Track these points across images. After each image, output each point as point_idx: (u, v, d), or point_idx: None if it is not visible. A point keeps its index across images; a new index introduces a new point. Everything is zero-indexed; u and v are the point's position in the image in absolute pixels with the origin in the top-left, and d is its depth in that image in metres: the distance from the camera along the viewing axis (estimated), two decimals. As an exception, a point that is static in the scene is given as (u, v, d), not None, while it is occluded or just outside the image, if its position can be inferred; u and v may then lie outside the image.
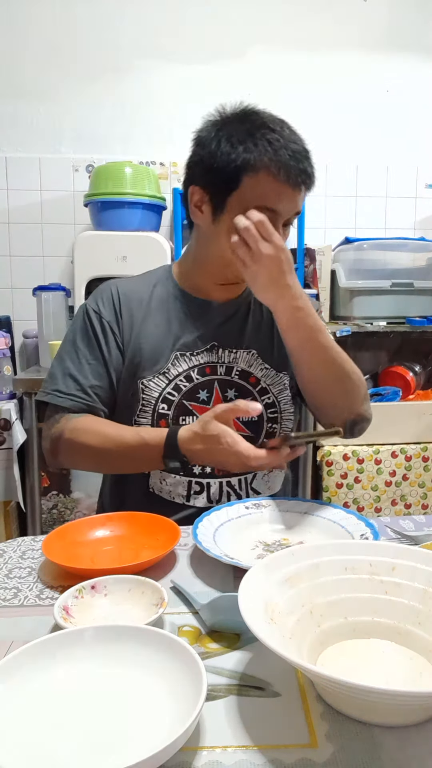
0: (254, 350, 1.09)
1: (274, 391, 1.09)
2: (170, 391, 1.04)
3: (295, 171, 0.93)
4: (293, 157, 0.93)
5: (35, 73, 2.35)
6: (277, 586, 0.60)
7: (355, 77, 2.49)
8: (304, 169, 0.95)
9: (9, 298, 2.42)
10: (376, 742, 0.49)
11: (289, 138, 0.95)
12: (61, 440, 1.02)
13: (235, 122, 0.97)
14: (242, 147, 0.93)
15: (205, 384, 1.06)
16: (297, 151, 0.94)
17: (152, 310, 1.08)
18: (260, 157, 0.93)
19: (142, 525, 0.90)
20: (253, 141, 0.93)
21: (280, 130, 0.95)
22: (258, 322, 1.11)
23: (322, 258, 2.23)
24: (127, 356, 1.06)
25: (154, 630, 0.58)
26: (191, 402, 1.05)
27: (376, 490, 2.04)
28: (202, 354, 1.06)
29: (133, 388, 1.05)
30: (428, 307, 2.22)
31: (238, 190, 0.95)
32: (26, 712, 0.51)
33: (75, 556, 0.82)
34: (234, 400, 1.03)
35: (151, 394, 1.04)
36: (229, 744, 0.49)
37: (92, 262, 1.98)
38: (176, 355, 1.05)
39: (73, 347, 1.07)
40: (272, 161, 0.92)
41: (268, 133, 0.94)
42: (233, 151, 0.94)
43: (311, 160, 0.98)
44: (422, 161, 2.56)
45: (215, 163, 0.95)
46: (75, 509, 2.22)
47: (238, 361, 1.08)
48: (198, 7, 2.37)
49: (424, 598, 0.61)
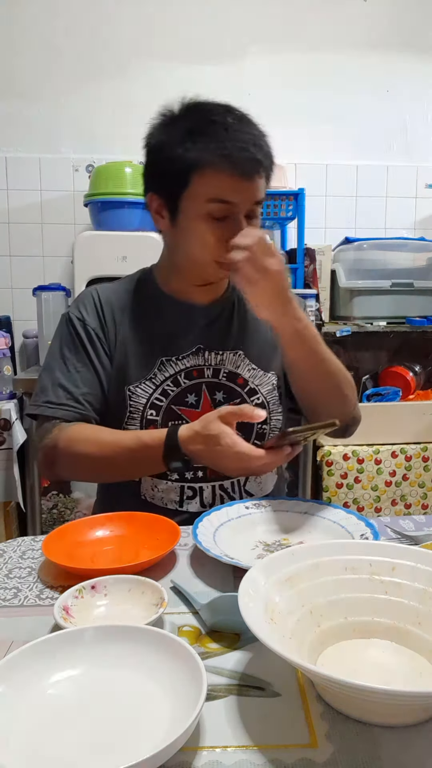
0: (240, 351, 1.07)
1: (263, 391, 1.08)
2: (158, 396, 1.03)
3: (242, 161, 0.91)
4: (239, 146, 0.90)
5: (35, 72, 2.35)
6: (277, 586, 0.60)
7: (355, 77, 2.49)
8: (253, 156, 0.92)
9: (9, 298, 2.42)
10: (376, 742, 0.49)
11: (234, 127, 0.92)
12: (56, 450, 0.98)
13: (179, 121, 0.96)
14: (186, 145, 0.92)
15: (193, 387, 1.04)
16: (244, 139, 0.91)
17: (136, 315, 1.07)
18: (204, 153, 0.91)
19: (142, 525, 0.90)
20: (196, 137, 0.92)
21: (223, 121, 0.92)
22: (243, 322, 1.10)
23: (322, 258, 2.23)
24: (114, 363, 1.05)
25: (154, 630, 0.58)
26: (180, 406, 1.04)
27: (376, 490, 2.04)
28: (189, 357, 1.05)
29: (121, 396, 1.04)
30: (428, 307, 2.22)
31: (188, 190, 0.94)
32: (26, 712, 0.51)
33: (75, 556, 0.82)
34: (223, 404, 1.04)
35: (139, 400, 1.03)
36: (229, 744, 0.49)
37: (92, 262, 1.98)
38: (162, 360, 1.04)
39: (61, 357, 1.04)
40: (216, 155, 0.90)
41: (211, 126, 0.92)
42: (178, 152, 0.92)
43: (263, 144, 0.95)
44: (422, 161, 2.56)
45: (163, 166, 0.96)
46: (75, 509, 2.22)
47: (225, 363, 1.06)
48: (198, 7, 2.37)
49: (424, 598, 0.61)
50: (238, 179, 0.92)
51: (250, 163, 0.92)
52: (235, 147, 0.91)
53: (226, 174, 0.91)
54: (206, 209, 0.93)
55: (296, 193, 2.17)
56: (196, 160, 0.92)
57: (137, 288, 1.10)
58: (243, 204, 0.94)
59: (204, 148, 0.91)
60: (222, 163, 0.91)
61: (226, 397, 1.05)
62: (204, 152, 0.91)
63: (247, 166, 0.91)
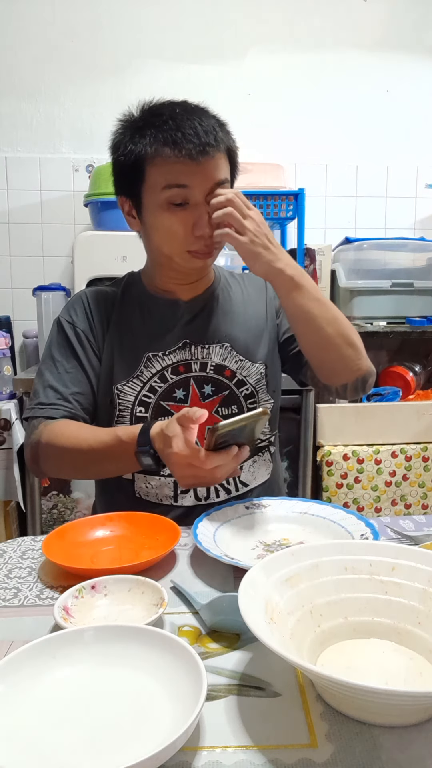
0: (227, 343, 1.08)
1: (251, 381, 1.09)
2: (146, 393, 1.04)
3: (188, 143, 0.92)
4: (185, 131, 0.92)
5: (35, 73, 2.35)
6: (277, 586, 0.60)
7: (355, 77, 2.49)
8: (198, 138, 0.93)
9: (9, 298, 2.42)
10: (376, 742, 0.49)
11: (180, 116, 0.94)
12: (39, 446, 0.99)
13: (134, 121, 0.98)
14: (136, 140, 0.95)
15: (181, 383, 1.05)
16: (190, 125, 0.93)
17: (122, 314, 1.09)
18: (153, 143, 0.94)
19: (142, 525, 0.90)
20: (145, 131, 0.95)
21: (170, 112, 0.95)
22: (228, 315, 1.11)
23: (322, 258, 2.23)
24: (102, 363, 1.07)
25: (154, 630, 0.58)
26: (168, 402, 1.05)
27: (376, 490, 2.04)
28: (175, 353, 1.06)
29: (110, 395, 1.05)
30: (428, 307, 2.22)
31: (146, 183, 0.96)
32: (26, 712, 0.51)
33: (75, 556, 0.82)
34: (212, 397, 1.06)
35: (127, 398, 1.04)
36: (229, 744, 0.49)
37: (92, 262, 1.98)
38: (148, 357, 1.05)
39: (51, 360, 1.07)
40: (162, 142, 0.93)
41: (158, 118, 0.95)
42: (130, 148, 0.96)
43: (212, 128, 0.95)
44: (422, 161, 2.56)
45: (122, 165, 0.99)
46: (75, 509, 2.22)
47: (211, 356, 1.07)
48: (198, 7, 2.37)
49: (424, 598, 0.61)
50: (187, 162, 0.93)
51: (197, 145, 0.92)
52: (181, 132, 0.93)
53: (175, 158, 0.93)
54: (164, 197, 0.95)
55: (296, 193, 2.17)
56: (146, 151, 0.94)
57: (124, 290, 1.12)
58: (198, 186, 0.95)
59: (152, 138, 0.94)
60: (169, 148, 0.93)
61: (214, 390, 1.06)
62: (153, 142, 0.94)
63: (194, 147, 0.92)
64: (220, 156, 0.96)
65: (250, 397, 1.08)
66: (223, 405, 1.07)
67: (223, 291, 1.13)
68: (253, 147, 2.37)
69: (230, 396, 1.07)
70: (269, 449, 1.14)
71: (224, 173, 0.98)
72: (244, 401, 1.08)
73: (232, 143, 1.01)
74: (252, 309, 1.14)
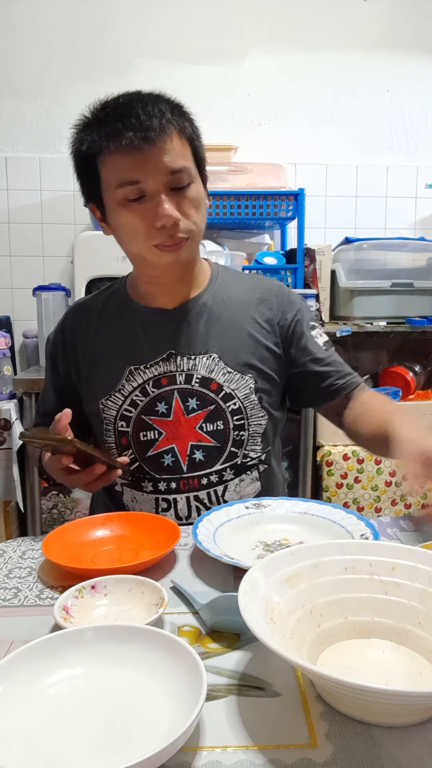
0: (215, 354, 1.02)
1: (239, 395, 1.02)
2: (127, 407, 1.03)
3: (128, 130, 0.86)
4: (126, 122, 0.87)
5: (35, 73, 2.35)
6: (277, 586, 0.60)
7: (355, 77, 2.49)
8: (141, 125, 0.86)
9: (9, 298, 2.42)
10: (376, 742, 0.49)
11: (122, 107, 0.89)
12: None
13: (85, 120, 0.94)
14: (84, 141, 0.92)
15: (163, 396, 1.02)
16: (132, 113, 0.87)
17: (103, 326, 1.07)
18: (96, 139, 0.90)
19: (142, 525, 0.90)
20: (91, 128, 0.91)
21: (114, 103, 0.91)
22: (217, 324, 1.04)
23: (322, 258, 2.23)
24: (85, 378, 1.08)
25: (154, 630, 0.58)
26: (150, 416, 1.02)
27: (376, 490, 2.04)
28: (159, 364, 1.02)
29: (96, 410, 1.05)
30: (428, 307, 2.22)
31: (102, 183, 0.93)
32: (26, 712, 0.51)
33: (75, 556, 0.82)
34: (196, 411, 1.02)
35: (110, 413, 1.04)
36: (229, 744, 0.49)
37: (92, 262, 1.98)
38: (130, 370, 1.03)
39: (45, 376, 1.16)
40: (106, 137, 0.88)
41: (102, 112, 0.91)
42: (82, 149, 0.93)
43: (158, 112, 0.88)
44: (422, 161, 2.56)
45: (80, 171, 0.96)
46: (75, 509, 2.22)
47: (197, 368, 1.01)
48: (198, 7, 2.37)
49: (424, 598, 0.61)
50: (133, 154, 0.87)
51: (138, 132, 0.86)
52: (121, 122, 0.87)
53: (121, 153, 0.88)
54: (120, 195, 0.90)
55: (296, 193, 2.17)
56: (91, 149, 0.91)
57: (108, 299, 1.10)
58: (151, 178, 0.89)
59: (96, 134, 0.90)
60: (111, 141, 0.88)
61: (199, 404, 1.01)
62: (96, 138, 0.90)
63: (134, 136, 0.86)
64: (170, 141, 0.88)
65: (238, 413, 1.02)
66: (207, 420, 1.01)
67: (216, 296, 1.06)
68: (253, 147, 2.37)
69: (216, 411, 1.01)
70: (258, 467, 1.06)
71: (180, 160, 0.90)
72: (231, 417, 1.02)
73: (190, 126, 0.94)
74: (249, 318, 1.05)
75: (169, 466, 1.02)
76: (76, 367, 1.09)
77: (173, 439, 1.02)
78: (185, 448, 1.02)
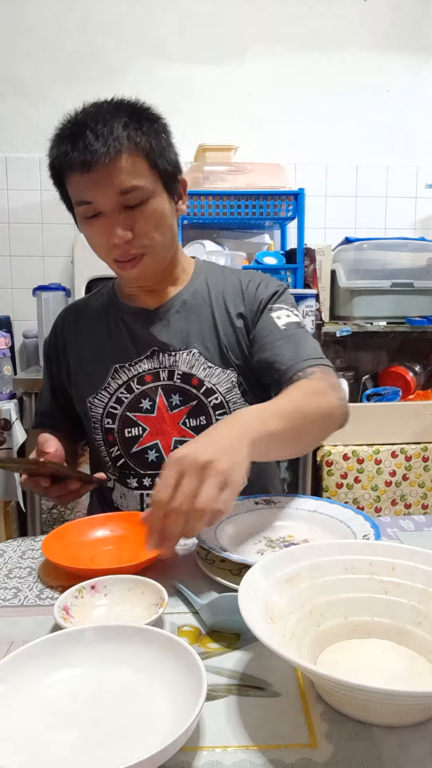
0: (195, 350, 1.02)
1: (221, 390, 1.02)
2: (113, 405, 1.05)
3: (76, 151, 0.86)
4: (75, 141, 0.87)
5: (35, 73, 2.35)
6: (277, 586, 0.60)
7: (355, 77, 2.49)
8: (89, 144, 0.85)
9: (9, 298, 2.42)
10: (376, 742, 0.49)
11: (80, 122, 0.89)
12: None
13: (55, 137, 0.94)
14: (51, 154, 0.93)
15: (147, 392, 1.03)
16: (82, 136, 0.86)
17: (90, 326, 1.10)
18: (56, 156, 0.91)
19: (142, 525, 0.90)
20: (55, 141, 0.92)
21: (74, 121, 0.90)
22: (197, 320, 1.04)
23: (322, 258, 2.23)
24: (74, 377, 1.10)
25: (154, 630, 0.58)
26: (135, 413, 1.04)
27: (376, 490, 2.04)
28: (143, 362, 1.04)
29: (84, 409, 1.08)
30: (428, 307, 2.22)
31: (71, 197, 0.95)
32: (26, 712, 0.51)
33: (75, 556, 0.82)
34: (180, 407, 1.02)
35: (97, 410, 1.06)
36: (229, 744, 0.49)
37: (92, 262, 1.94)
38: (115, 368, 1.05)
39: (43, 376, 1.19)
40: (63, 153, 0.89)
41: (65, 127, 0.91)
42: (49, 163, 0.94)
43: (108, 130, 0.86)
44: (422, 161, 2.56)
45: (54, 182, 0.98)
46: (75, 509, 2.22)
47: (178, 364, 1.02)
48: (198, 7, 2.37)
49: (424, 598, 0.61)
50: (84, 175, 0.88)
51: (83, 154, 0.86)
52: (71, 143, 0.87)
53: (76, 173, 0.89)
54: (80, 212, 0.93)
55: (296, 193, 2.17)
56: (57, 165, 0.93)
57: (99, 299, 1.14)
58: (101, 199, 0.89)
59: (56, 149, 0.91)
60: (66, 163, 0.89)
61: (182, 400, 1.02)
62: (56, 155, 0.91)
63: (78, 157, 0.86)
64: (121, 160, 0.87)
65: (220, 407, 1.02)
66: (190, 416, 1.02)
67: (196, 293, 1.06)
68: (253, 147, 2.37)
69: (198, 406, 1.02)
70: None
71: (130, 180, 0.88)
72: (213, 412, 1.02)
73: (153, 139, 0.91)
74: (226, 312, 1.05)
75: (153, 462, 1.04)
76: (67, 368, 1.12)
77: (157, 435, 1.03)
78: (169, 444, 1.03)
